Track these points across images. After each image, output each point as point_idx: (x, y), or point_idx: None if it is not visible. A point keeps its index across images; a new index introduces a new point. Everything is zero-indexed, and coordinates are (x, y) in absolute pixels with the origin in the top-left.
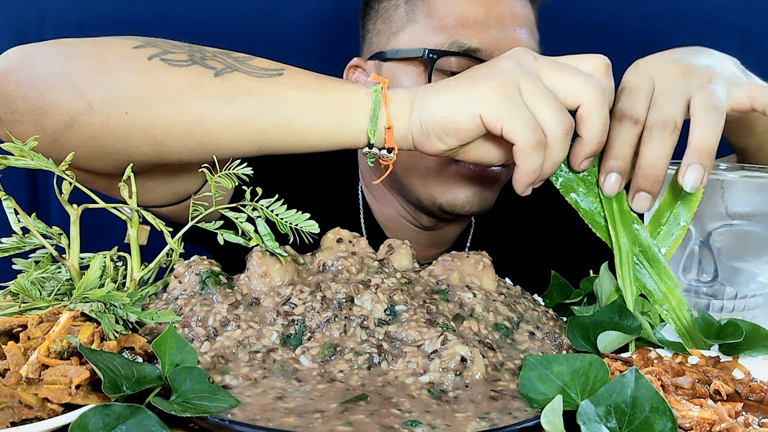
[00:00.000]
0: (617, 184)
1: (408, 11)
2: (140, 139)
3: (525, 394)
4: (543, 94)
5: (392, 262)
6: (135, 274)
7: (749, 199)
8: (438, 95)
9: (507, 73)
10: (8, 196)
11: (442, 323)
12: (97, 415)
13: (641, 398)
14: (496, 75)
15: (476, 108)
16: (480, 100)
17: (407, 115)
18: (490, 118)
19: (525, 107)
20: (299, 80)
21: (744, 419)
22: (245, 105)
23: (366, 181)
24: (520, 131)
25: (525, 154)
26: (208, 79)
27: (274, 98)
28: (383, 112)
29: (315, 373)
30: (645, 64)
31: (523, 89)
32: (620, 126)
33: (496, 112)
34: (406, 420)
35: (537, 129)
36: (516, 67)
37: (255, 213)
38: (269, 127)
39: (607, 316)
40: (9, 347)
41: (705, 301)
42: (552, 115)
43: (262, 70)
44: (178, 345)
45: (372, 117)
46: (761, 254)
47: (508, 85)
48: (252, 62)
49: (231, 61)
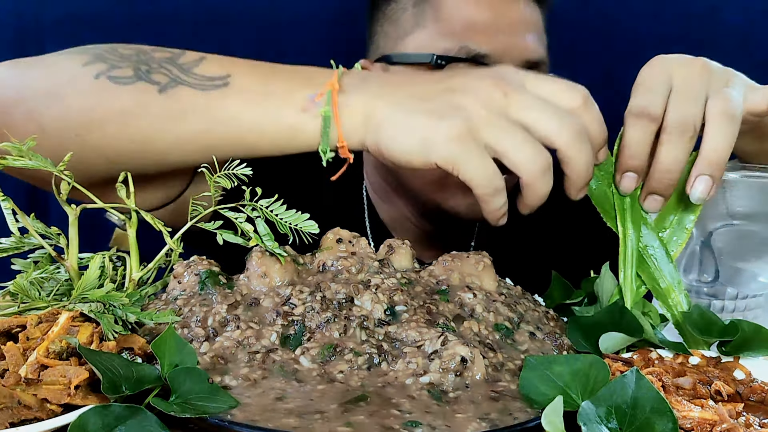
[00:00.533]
0: (633, 183)
1: (416, 15)
2: (94, 159)
3: (525, 394)
4: (512, 137)
5: (392, 262)
6: (134, 275)
7: (750, 199)
8: (395, 128)
9: (468, 119)
10: (6, 197)
11: (443, 323)
12: (96, 415)
13: (642, 399)
14: (455, 121)
15: (432, 157)
16: (435, 149)
17: (361, 132)
18: (446, 167)
19: (482, 156)
20: (246, 88)
21: (745, 420)
22: (191, 123)
23: (370, 181)
24: (476, 181)
25: (483, 200)
26: (153, 97)
27: (220, 114)
28: (334, 130)
29: (315, 374)
30: (662, 61)
31: (488, 136)
32: (636, 124)
33: (451, 162)
34: (406, 421)
35: (494, 177)
36: (479, 110)
37: (254, 213)
38: (218, 143)
39: (608, 316)
40: (8, 347)
41: (706, 302)
42: (524, 157)
43: (208, 80)
44: (177, 345)
45: (323, 136)
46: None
47: (465, 136)
48: (198, 69)
49: (177, 72)
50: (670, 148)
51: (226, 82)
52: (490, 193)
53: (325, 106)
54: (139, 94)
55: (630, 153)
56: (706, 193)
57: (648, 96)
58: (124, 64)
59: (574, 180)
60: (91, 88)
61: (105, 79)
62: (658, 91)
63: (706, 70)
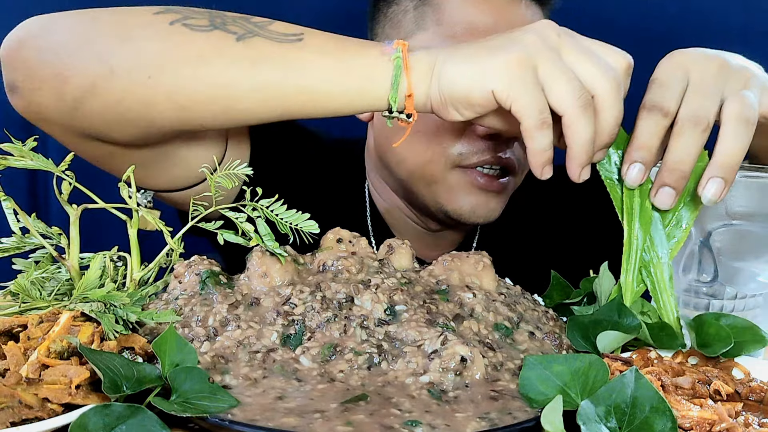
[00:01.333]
0: (641, 175)
1: (417, 17)
2: (163, 104)
3: (525, 394)
4: (562, 72)
5: (392, 262)
6: (135, 274)
7: (749, 199)
8: (456, 66)
9: (527, 49)
10: (8, 197)
11: (442, 323)
12: (97, 415)
13: (641, 398)
14: (515, 49)
15: (490, 84)
16: (494, 76)
17: (427, 82)
18: (501, 96)
19: (537, 87)
20: (320, 45)
21: (744, 419)
22: (268, 70)
23: (372, 180)
24: (527, 111)
25: (529, 133)
26: (230, 44)
27: (296, 64)
28: (404, 79)
29: (315, 373)
30: (680, 56)
31: (540, 67)
32: (649, 117)
33: (507, 89)
34: (406, 420)
35: (544, 111)
36: (537, 43)
37: (255, 213)
38: (292, 92)
39: (607, 315)
40: (9, 347)
41: (705, 301)
42: (567, 92)
43: (282, 35)
44: (178, 345)
45: (393, 84)
46: (761, 254)
47: (524, 63)
48: (272, 27)
49: (251, 26)
50: (681, 140)
51: (300, 38)
52: (538, 126)
53: (397, 53)
54: (216, 40)
55: (639, 144)
56: (718, 195)
57: (662, 91)
58: (199, 16)
59: (600, 133)
60: (167, 32)
61: (180, 26)
62: (673, 86)
63: (725, 69)
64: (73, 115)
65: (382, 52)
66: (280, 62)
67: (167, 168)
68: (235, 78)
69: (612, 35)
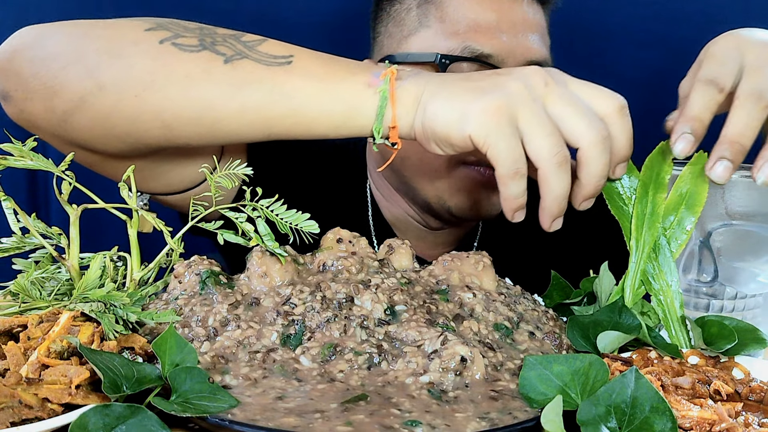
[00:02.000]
0: (689, 147)
1: (420, 15)
2: (150, 122)
3: (525, 394)
4: (542, 125)
5: (392, 262)
6: (135, 274)
7: (749, 199)
8: (439, 103)
9: (509, 97)
10: (8, 197)
11: (442, 323)
12: (97, 415)
13: (641, 398)
14: (497, 95)
15: (468, 128)
16: (473, 120)
17: (412, 114)
18: (477, 140)
19: (514, 136)
20: (309, 68)
21: (744, 419)
22: (255, 93)
23: (374, 179)
24: (501, 159)
25: (502, 180)
26: (218, 66)
27: (283, 87)
28: (389, 111)
29: (315, 373)
30: (735, 37)
31: (520, 117)
32: (704, 90)
33: (484, 136)
34: (406, 420)
35: (519, 160)
36: (522, 91)
37: (255, 213)
38: (278, 116)
39: (607, 315)
40: (9, 347)
41: (705, 301)
42: (546, 146)
43: (271, 57)
44: (178, 345)
45: (378, 115)
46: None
47: (504, 111)
48: (261, 47)
49: (241, 47)
50: (743, 114)
51: (289, 61)
52: (511, 175)
53: (384, 85)
54: (204, 62)
55: (692, 115)
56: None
57: (718, 67)
58: (189, 35)
59: (584, 185)
60: (156, 50)
61: (170, 45)
62: (729, 64)
63: None
64: (63, 126)
65: (369, 83)
66: (268, 86)
67: (163, 173)
68: (221, 100)
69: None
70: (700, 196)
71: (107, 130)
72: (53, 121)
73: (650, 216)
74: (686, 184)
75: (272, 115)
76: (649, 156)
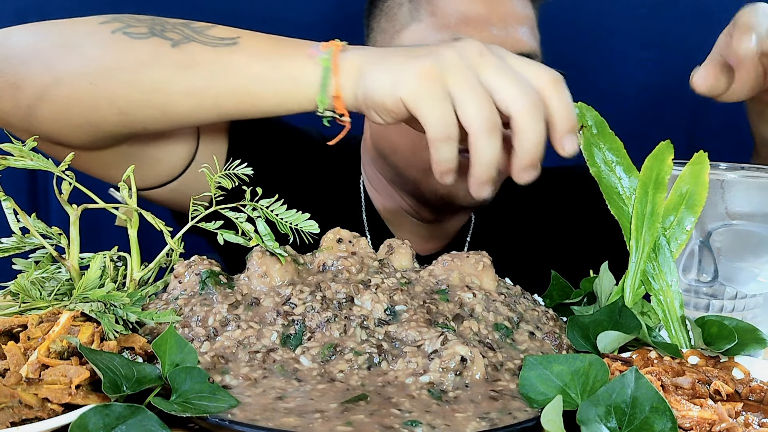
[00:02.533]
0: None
1: (412, 10)
2: (106, 109)
3: (525, 394)
4: (473, 90)
5: (392, 262)
6: (135, 274)
7: (749, 199)
8: (377, 70)
9: (442, 62)
10: (7, 197)
11: (442, 323)
12: (97, 415)
13: (641, 398)
14: (430, 60)
15: (400, 92)
16: (405, 84)
17: (353, 84)
18: (408, 104)
19: (445, 100)
20: (254, 48)
21: (744, 419)
22: (201, 74)
23: (368, 174)
24: (431, 122)
25: (432, 143)
26: (166, 50)
27: (228, 67)
28: (332, 81)
29: (315, 373)
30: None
31: (451, 82)
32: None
33: (415, 99)
34: (406, 420)
35: (450, 125)
36: (454, 59)
37: (255, 213)
38: (225, 94)
39: (607, 315)
40: (9, 347)
41: (705, 301)
42: (475, 111)
43: (218, 39)
44: (178, 345)
45: (321, 86)
46: (761, 254)
47: (435, 75)
48: (210, 32)
49: (189, 32)
50: None
51: (235, 42)
52: (442, 138)
53: (327, 56)
54: (153, 47)
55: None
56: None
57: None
58: (140, 24)
59: (519, 155)
60: (108, 40)
61: (121, 34)
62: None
63: None
64: (29, 120)
65: (310, 54)
66: (213, 66)
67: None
68: (169, 82)
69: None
70: (700, 196)
71: (68, 120)
72: (20, 116)
73: (650, 216)
74: (686, 184)
75: (219, 94)
76: (649, 156)
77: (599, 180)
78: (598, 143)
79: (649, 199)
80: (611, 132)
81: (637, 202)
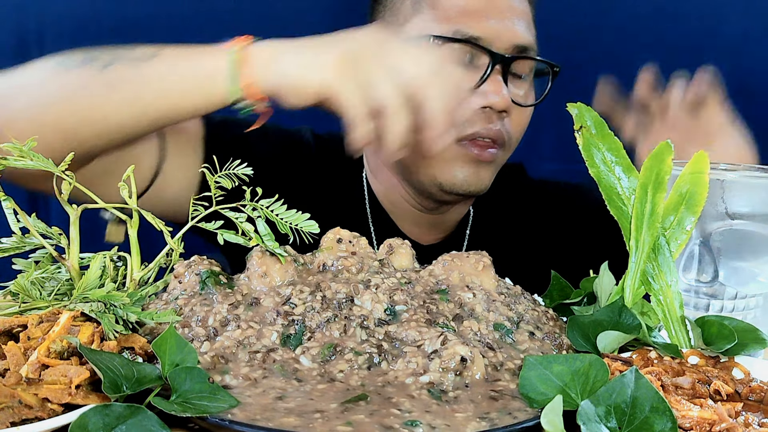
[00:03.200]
0: None
1: (414, 2)
2: (51, 137)
3: (525, 394)
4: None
5: (392, 262)
6: (135, 274)
7: (749, 199)
8: (290, 57)
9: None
10: (8, 197)
11: (442, 323)
12: (97, 415)
13: (641, 398)
14: (342, 47)
15: (315, 77)
16: (319, 69)
17: (266, 70)
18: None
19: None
20: (172, 57)
21: (744, 419)
22: (127, 88)
23: (371, 167)
24: (346, 105)
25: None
26: (95, 74)
27: (150, 77)
28: (241, 71)
29: (315, 373)
30: None
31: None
32: None
33: (330, 84)
34: (406, 420)
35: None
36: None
37: (255, 213)
38: (150, 103)
39: (607, 315)
40: (9, 347)
41: (705, 301)
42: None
43: (141, 55)
44: (178, 345)
45: (231, 77)
46: (761, 254)
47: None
48: (134, 52)
49: (116, 56)
50: None
51: (155, 55)
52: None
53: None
54: (85, 73)
55: None
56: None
57: None
58: (78, 54)
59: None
60: (48, 75)
61: (58, 66)
62: None
63: None
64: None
65: (222, 51)
66: (135, 81)
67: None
68: (99, 103)
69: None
70: (700, 196)
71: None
72: None
73: (650, 216)
74: (686, 184)
75: (144, 104)
76: (649, 156)
77: (598, 180)
78: (596, 144)
79: (649, 199)
80: (610, 132)
81: (637, 202)
